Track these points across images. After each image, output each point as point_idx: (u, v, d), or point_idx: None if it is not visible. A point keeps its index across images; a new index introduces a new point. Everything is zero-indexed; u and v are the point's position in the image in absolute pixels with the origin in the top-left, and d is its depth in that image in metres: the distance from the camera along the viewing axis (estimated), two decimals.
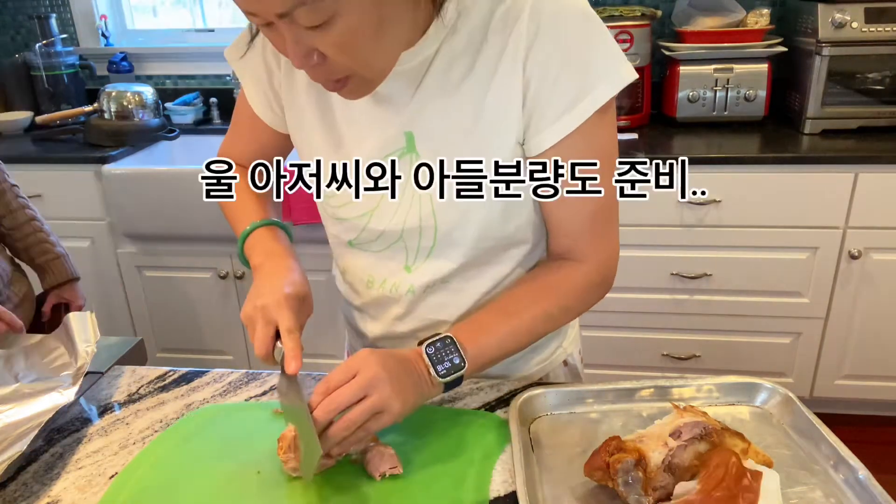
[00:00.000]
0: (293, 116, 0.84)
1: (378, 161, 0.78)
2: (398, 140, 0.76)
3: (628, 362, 2.15)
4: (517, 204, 0.79)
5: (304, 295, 0.76)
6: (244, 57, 0.85)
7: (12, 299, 1.41)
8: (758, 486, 0.59)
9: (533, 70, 0.71)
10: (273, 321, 0.72)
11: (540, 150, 0.75)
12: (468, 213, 0.77)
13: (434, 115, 0.75)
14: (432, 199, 0.77)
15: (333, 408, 0.66)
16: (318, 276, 2.13)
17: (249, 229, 0.86)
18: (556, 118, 0.72)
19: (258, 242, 0.85)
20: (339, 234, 0.87)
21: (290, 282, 0.76)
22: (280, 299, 0.73)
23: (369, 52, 0.65)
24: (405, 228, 0.80)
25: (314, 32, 0.61)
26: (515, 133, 0.74)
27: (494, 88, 0.72)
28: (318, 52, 0.63)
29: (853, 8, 1.92)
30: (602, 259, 0.81)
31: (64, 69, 2.55)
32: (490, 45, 0.72)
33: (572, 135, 0.73)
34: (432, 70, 0.73)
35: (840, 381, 2.08)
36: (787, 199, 1.88)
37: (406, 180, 0.77)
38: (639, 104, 2.18)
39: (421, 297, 0.84)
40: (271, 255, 0.82)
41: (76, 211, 2.19)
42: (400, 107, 0.75)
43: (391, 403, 0.68)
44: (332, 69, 0.65)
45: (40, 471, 0.73)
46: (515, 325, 0.79)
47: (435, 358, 0.74)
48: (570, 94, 0.71)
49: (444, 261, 0.81)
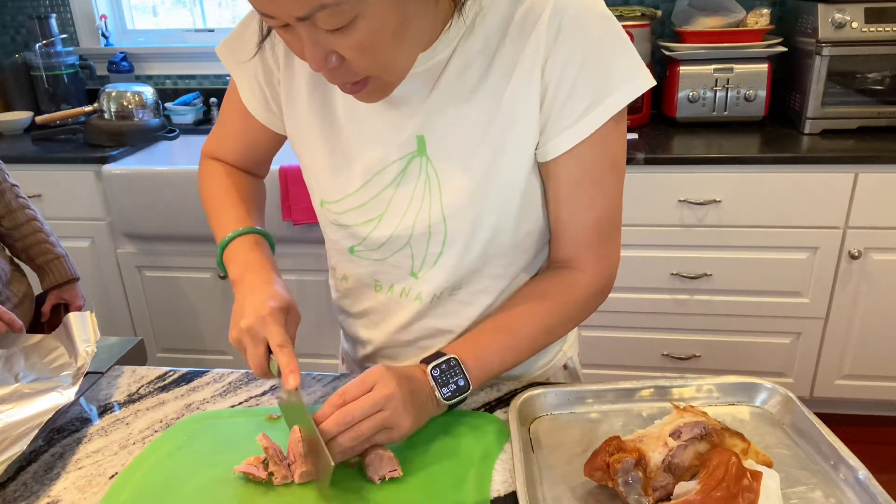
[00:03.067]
0: (293, 118, 0.82)
1: (386, 165, 0.76)
2: (409, 143, 0.75)
3: (628, 362, 2.15)
4: (528, 210, 0.78)
5: (287, 306, 0.75)
6: (240, 56, 0.83)
7: (12, 299, 1.41)
8: (758, 486, 0.59)
9: (552, 74, 0.70)
10: (262, 339, 0.71)
11: (554, 154, 0.74)
12: (479, 219, 0.76)
13: (448, 117, 0.73)
14: (443, 205, 0.75)
15: (348, 420, 0.66)
16: (318, 276, 2.13)
17: (229, 238, 0.84)
18: (571, 123, 0.71)
19: (237, 252, 0.83)
20: (339, 241, 0.85)
21: (272, 295, 0.74)
22: (264, 316, 0.72)
23: (390, 53, 0.63)
24: (413, 234, 0.78)
25: (334, 35, 0.59)
26: (531, 137, 0.73)
27: (511, 91, 0.71)
28: (337, 54, 0.62)
29: (853, 8, 1.92)
30: (603, 269, 0.81)
31: (64, 69, 2.55)
32: (507, 46, 0.70)
33: (586, 141, 0.72)
34: (447, 72, 0.72)
35: (840, 381, 2.08)
36: (787, 199, 1.88)
37: (416, 184, 0.76)
38: (639, 104, 2.18)
39: (428, 305, 0.83)
40: (250, 267, 0.80)
41: (76, 211, 2.19)
42: (413, 109, 0.73)
43: (402, 422, 0.68)
44: (351, 71, 0.64)
45: (40, 471, 0.73)
46: (516, 342, 0.79)
47: (440, 380, 0.74)
48: (587, 99, 0.70)
49: (451, 268, 0.80)
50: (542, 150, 0.74)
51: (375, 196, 0.78)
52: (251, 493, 0.68)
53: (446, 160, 0.74)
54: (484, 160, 0.73)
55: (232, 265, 0.82)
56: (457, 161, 0.74)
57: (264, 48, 0.81)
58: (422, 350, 0.87)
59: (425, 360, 0.75)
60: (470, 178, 0.74)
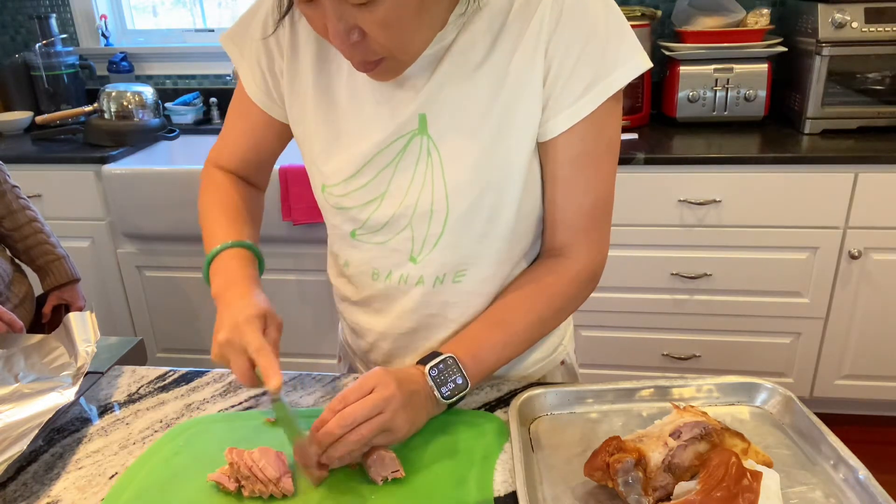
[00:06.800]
0: (296, 105, 0.82)
1: (387, 145, 0.76)
2: (411, 122, 0.75)
3: (628, 362, 2.15)
4: (529, 191, 0.78)
5: (263, 312, 0.74)
6: (242, 42, 0.84)
7: (12, 300, 1.41)
8: (758, 486, 0.59)
9: (555, 53, 0.71)
10: (242, 349, 0.71)
11: (553, 134, 0.75)
12: (481, 196, 0.76)
13: (450, 95, 0.74)
14: (445, 183, 0.76)
15: (349, 423, 0.66)
16: (318, 276, 2.13)
17: (215, 252, 0.83)
18: (572, 102, 0.73)
19: (222, 268, 0.82)
20: (340, 225, 0.84)
21: (246, 305, 0.74)
22: (239, 325, 0.71)
23: (409, 31, 0.66)
24: (415, 213, 0.78)
25: (359, 10, 0.61)
26: (534, 115, 0.74)
27: (514, 69, 0.72)
28: (360, 29, 0.63)
29: (853, 8, 1.92)
30: (594, 255, 0.82)
31: (64, 69, 2.55)
32: (511, 25, 0.71)
33: (584, 121, 0.73)
34: (452, 51, 0.73)
35: (840, 381, 2.08)
36: (787, 199, 1.88)
37: (416, 163, 0.76)
38: (639, 104, 2.18)
39: (431, 291, 0.82)
40: (230, 284, 0.79)
41: (76, 211, 2.19)
42: (416, 88, 0.74)
43: (402, 423, 0.69)
44: (370, 49, 0.66)
45: (40, 471, 0.73)
46: (512, 336, 0.80)
47: (439, 380, 0.74)
48: (586, 78, 0.72)
49: (451, 249, 0.79)
50: (542, 129, 0.75)
51: (376, 176, 0.78)
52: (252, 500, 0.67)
53: (448, 138, 0.75)
54: (487, 137, 0.74)
55: (215, 280, 0.81)
56: (459, 139, 0.74)
57: (268, 28, 0.81)
58: (424, 340, 0.87)
59: (422, 361, 0.76)
60: (472, 155, 0.74)
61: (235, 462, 0.67)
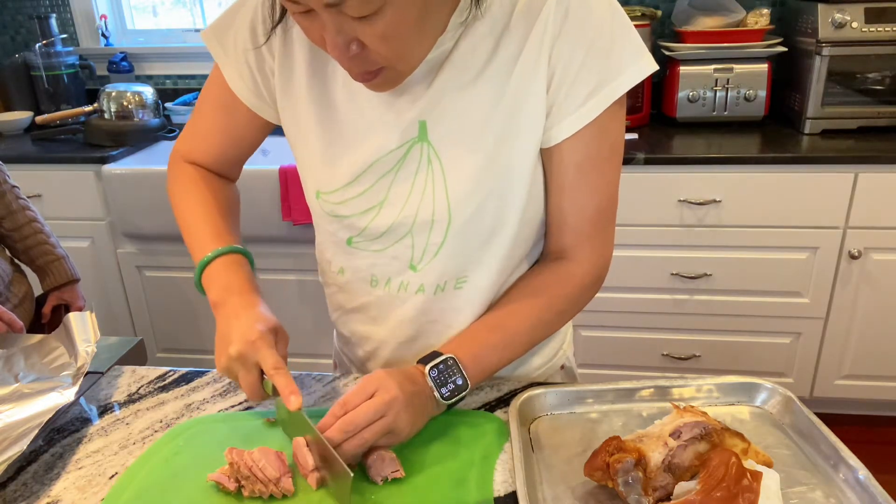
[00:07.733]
0: (289, 108, 0.80)
1: (386, 152, 0.75)
2: (411, 129, 0.73)
3: (628, 362, 2.15)
4: (532, 197, 0.78)
5: (274, 327, 0.74)
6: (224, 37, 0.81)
7: (12, 300, 1.41)
8: (758, 486, 0.59)
9: (559, 58, 0.70)
10: (254, 364, 0.71)
11: (557, 140, 0.74)
12: (484, 204, 0.75)
13: (451, 101, 0.72)
14: (447, 193, 0.74)
15: (351, 429, 0.66)
16: (318, 276, 2.12)
17: (207, 259, 0.81)
18: (577, 107, 0.71)
19: (217, 274, 0.80)
20: (336, 232, 0.82)
21: (258, 319, 0.73)
22: (254, 341, 0.71)
23: (409, 43, 0.64)
24: (416, 223, 0.76)
25: (359, 22, 0.59)
26: (538, 122, 0.72)
27: (517, 75, 0.71)
28: (359, 42, 0.62)
29: (853, 8, 1.92)
30: (597, 259, 0.81)
31: (64, 69, 2.55)
32: (513, 30, 0.70)
33: (589, 126, 0.72)
34: (453, 56, 0.71)
35: (840, 381, 2.08)
36: (787, 199, 1.88)
37: (417, 171, 0.74)
38: (639, 104, 2.18)
39: (432, 299, 0.81)
40: (231, 290, 0.78)
41: (76, 211, 2.19)
42: (415, 95, 0.73)
43: (404, 425, 0.69)
44: (369, 60, 0.64)
45: (40, 471, 0.73)
46: (512, 338, 0.79)
47: (439, 381, 0.74)
48: (591, 83, 0.70)
49: (452, 259, 0.78)
50: (546, 134, 0.74)
51: (374, 184, 0.76)
52: (252, 500, 0.67)
53: (450, 146, 0.73)
54: (489, 145, 0.73)
55: (212, 288, 0.80)
56: (461, 146, 0.73)
57: (258, 35, 0.79)
58: (424, 348, 0.85)
59: (422, 361, 0.75)
60: (474, 164, 0.73)
61: (235, 462, 0.67)
